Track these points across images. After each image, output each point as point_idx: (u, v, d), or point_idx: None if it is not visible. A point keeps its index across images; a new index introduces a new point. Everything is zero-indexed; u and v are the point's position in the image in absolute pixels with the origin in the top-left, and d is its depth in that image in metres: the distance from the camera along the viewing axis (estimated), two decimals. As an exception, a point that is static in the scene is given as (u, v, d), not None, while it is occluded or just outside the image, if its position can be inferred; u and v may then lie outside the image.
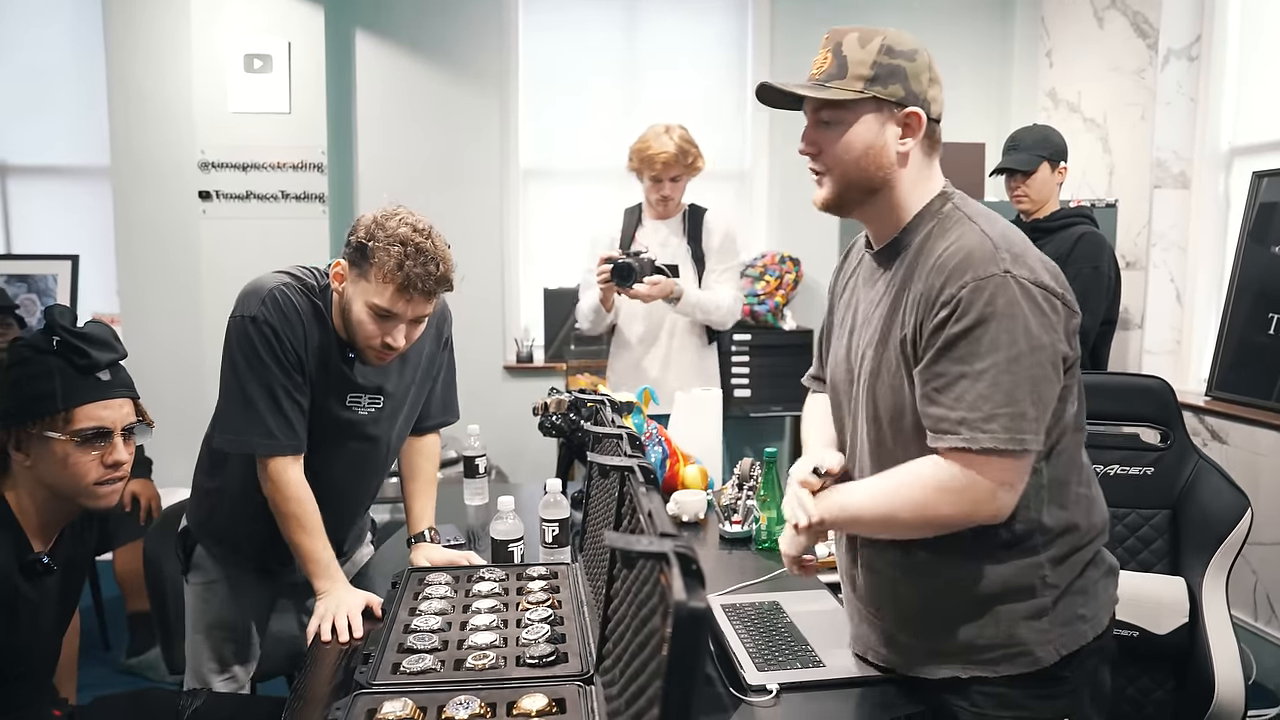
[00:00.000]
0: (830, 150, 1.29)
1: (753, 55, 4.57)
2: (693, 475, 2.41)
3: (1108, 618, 1.35)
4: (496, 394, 4.47)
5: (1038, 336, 1.17)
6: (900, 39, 1.28)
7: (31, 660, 1.53)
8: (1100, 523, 1.34)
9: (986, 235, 1.22)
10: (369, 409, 1.85)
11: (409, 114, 4.37)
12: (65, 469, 1.48)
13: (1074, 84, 4.25)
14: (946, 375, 1.20)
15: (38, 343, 1.49)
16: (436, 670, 1.33)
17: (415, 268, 1.61)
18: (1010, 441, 1.16)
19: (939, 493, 1.21)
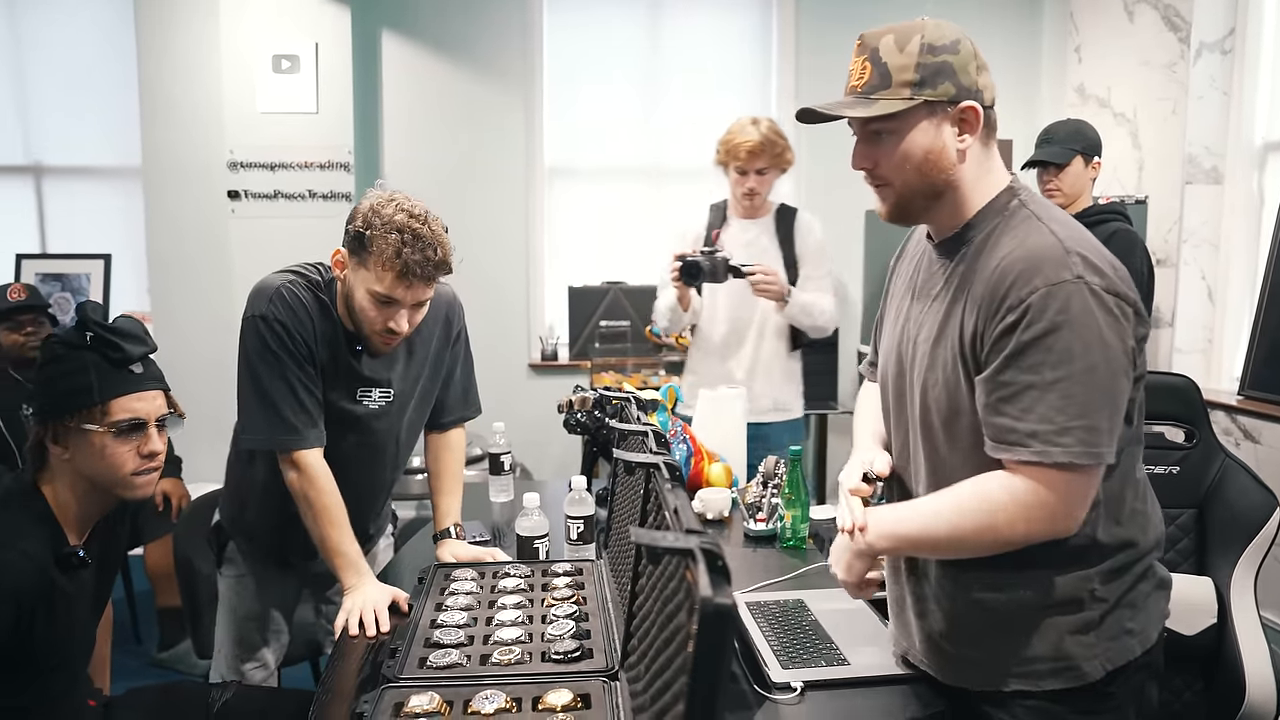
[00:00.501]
0: (887, 162, 1.24)
1: (777, 53, 4.55)
2: (717, 473, 2.41)
3: (1157, 632, 1.29)
4: (521, 392, 4.49)
5: (1112, 346, 1.12)
6: (939, 32, 1.21)
7: (67, 651, 1.56)
8: (1156, 538, 1.30)
9: (1056, 237, 1.16)
10: (379, 403, 1.87)
11: (434, 113, 4.39)
12: (103, 460, 1.51)
13: (1103, 79, 4.20)
14: (1014, 385, 1.14)
15: (71, 339, 1.52)
16: (463, 665, 1.34)
17: (413, 254, 1.62)
18: (1085, 456, 1.12)
19: (1009, 511, 1.16)
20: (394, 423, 1.93)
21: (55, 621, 1.48)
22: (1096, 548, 1.23)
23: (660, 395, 2.38)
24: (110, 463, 1.51)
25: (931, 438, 1.28)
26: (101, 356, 1.51)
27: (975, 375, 1.20)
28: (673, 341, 4.18)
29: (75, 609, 1.54)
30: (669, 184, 4.63)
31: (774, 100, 4.58)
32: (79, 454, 1.50)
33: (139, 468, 1.54)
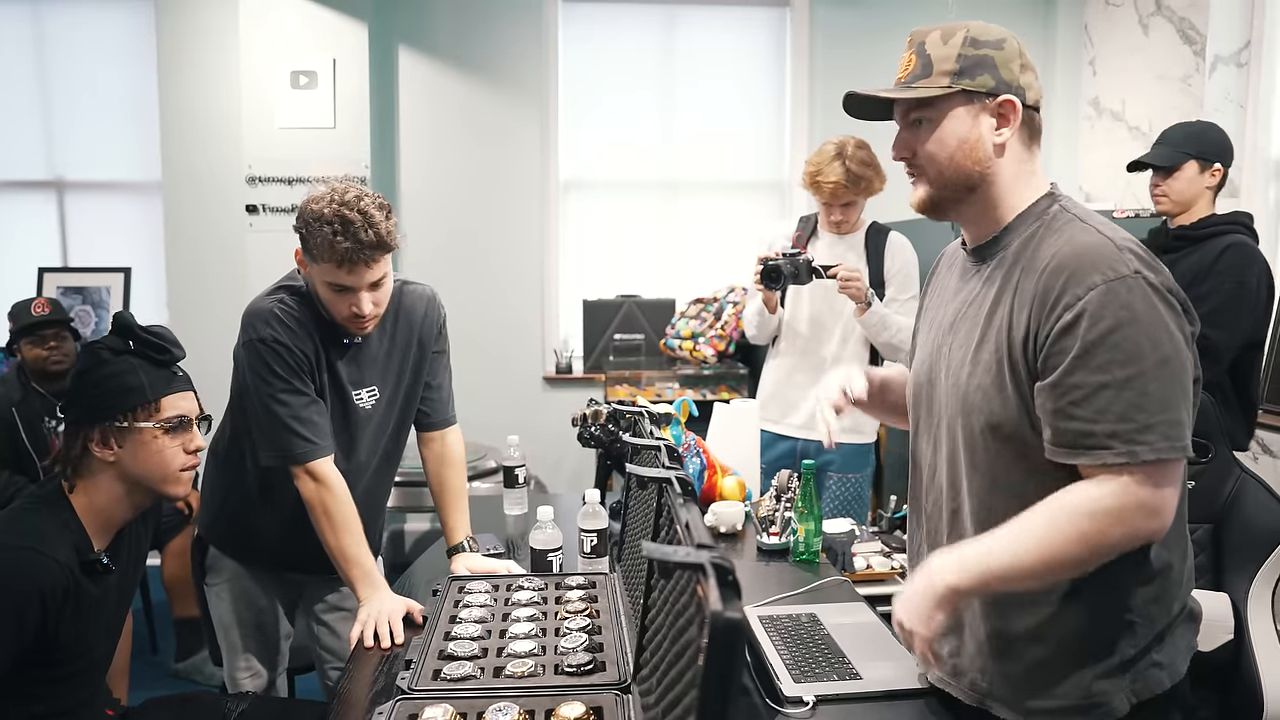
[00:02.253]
0: (923, 150, 1.25)
1: (791, 65, 4.58)
2: (730, 487, 2.41)
3: (1185, 665, 1.25)
4: (536, 404, 4.51)
5: (1179, 338, 1.11)
6: (985, 30, 1.23)
7: (90, 656, 1.59)
8: (1191, 565, 1.26)
9: (1104, 235, 1.15)
10: (369, 402, 1.94)
11: (450, 127, 4.43)
12: (156, 456, 1.57)
13: (1118, 92, 4.20)
14: (1085, 386, 1.10)
15: (114, 345, 1.59)
16: (476, 677, 1.35)
17: (344, 242, 1.67)
18: (1171, 450, 1.08)
19: (1100, 520, 1.10)
20: (385, 423, 1.99)
21: (79, 625, 1.51)
22: (1141, 570, 1.18)
23: (674, 409, 2.38)
24: (162, 458, 1.58)
25: (972, 447, 1.24)
26: (147, 359, 1.59)
27: (1028, 378, 1.17)
28: (687, 355, 4.20)
29: (99, 614, 1.57)
30: (683, 197, 4.65)
31: (788, 115, 4.60)
32: (130, 453, 1.56)
33: (185, 464, 1.62)
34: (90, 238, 4.48)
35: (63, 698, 1.56)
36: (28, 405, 3.15)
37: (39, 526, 1.50)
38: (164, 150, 4.28)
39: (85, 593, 1.51)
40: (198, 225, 4.29)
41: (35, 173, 4.41)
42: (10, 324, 3.19)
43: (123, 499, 1.59)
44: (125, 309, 4.35)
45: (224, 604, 2.03)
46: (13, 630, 1.41)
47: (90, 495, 1.56)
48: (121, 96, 4.38)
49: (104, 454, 1.55)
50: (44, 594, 1.44)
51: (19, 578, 1.43)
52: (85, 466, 1.56)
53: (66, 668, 1.54)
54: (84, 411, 1.56)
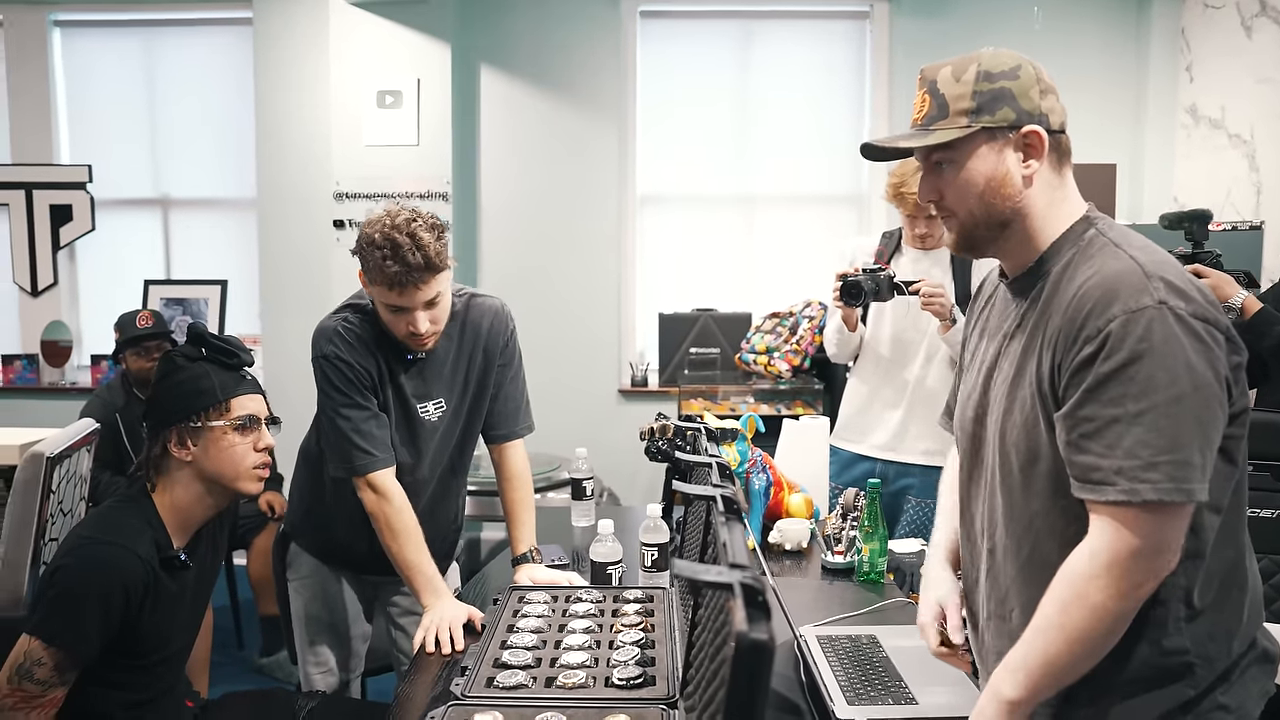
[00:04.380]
0: (951, 193, 1.21)
1: (870, 79, 4.52)
2: (797, 504, 2.39)
3: (1257, 710, 1.18)
4: (612, 417, 4.55)
5: (1201, 373, 1.04)
6: (997, 60, 1.19)
7: (169, 648, 1.69)
8: (1258, 603, 1.20)
9: (1135, 261, 1.10)
10: (434, 415, 2.00)
11: (530, 143, 4.52)
12: (228, 453, 1.67)
13: (1217, 98, 4.02)
14: (1097, 419, 1.07)
15: (189, 352, 1.71)
16: (528, 686, 1.37)
17: (394, 265, 1.73)
18: (1175, 492, 1.03)
19: (1105, 577, 1.06)
20: (450, 434, 2.04)
21: (158, 619, 1.62)
22: (1191, 610, 1.12)
23: (740, 425, 2.38)
24: (233, 455, 1.67)
25: (1010, 485, 1.21)
26: (218, 364, 1.70)
27: (1055, 412, 1.13)
28: (762, 369, 4.17)
29: (177, 609, 1.68)
30: (760, 211, 4.64)
31: (867, 130, 4.54)
32: (205, 451, 1.66)
33: (257, 462, 1.71)
34: (191, 252, 4.71)
35: (144, 687, 1.66)
36: (130, 411, 3.33)
37: (124, 523, 1.61)
38: (259, 168, 4.48)
39: (164, 588, 1.62)
40: (288, 240, 4.48)
41: (143, 191, 4.67)
42: (117, 335, 3.39)
43: (201, 497, 1.69)
44: (221, 319, 4.56)
45: (301, 600, 2.11)
46: (99, 620, 1.52)
47: (171, 494, 1.67)
48: (221, 118, 4.61)
49: (181, 454, 1.65)
50: (127, 588, 1.54)
51: (105, 571, 1.53)
52: (165, 466, 1.67)
53: (147, 659, 1.64)
54: (163, 414, 1.66)
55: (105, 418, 3.17)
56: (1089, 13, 4.40)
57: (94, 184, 4.53)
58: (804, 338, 4.16)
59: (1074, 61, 4.37)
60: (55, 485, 2.44)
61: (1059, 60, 4.41)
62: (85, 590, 1.51)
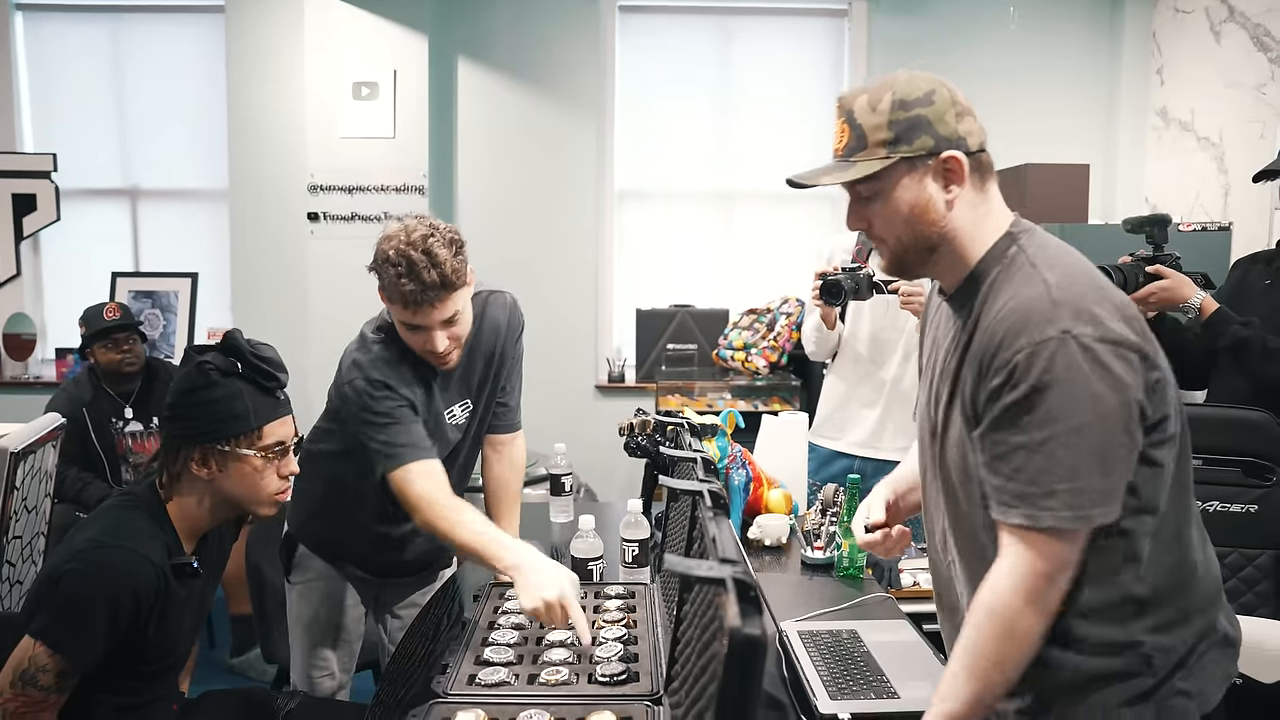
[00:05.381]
0: (879, 221, 1.23)
1: (849, 76, 4.54)
2: (776, 499, 2.40)
3: (1219, 693, 1.21)
4: (588, 413, 4.53)
5: (1104, 401, 1.07)
6: (911, 86, 1.19)
7: (172, 656, 1.64)
8: (1211, 594, 1.23)
9: (1047, 287, 1.12)
10: (462, 418, 1.96)
11: (507, 137, 4.49)
12: (253, 481, 1.59)
13: (1187, 101, 4.08)
14: (1004, 445, 1.12)
15: (223, 366, 1.58)
16: (510, 684, 1.36)
17: (408, 284, 1.68)
18: (1073, 520, 1.08)
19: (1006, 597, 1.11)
20: (470, 433, 2.02)
21: (166, 626, 1.56)
22: (1139, 606, 1.16)
23: (720, 420, 2.37)
24: (259, 484, 1.60)
25: (954, 499, 1.25)
26: (254, 385, 1.59)
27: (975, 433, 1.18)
28: (739, 366, 4.18)
29: (183, 615, 1.62)
30: (738, 208, 4.64)
31: (844, 124, 4.56)
32: (228, 475, 1.58)
33: (279, 489, 1.64)
34: (161, 244, 4.63)
35: (142, 692, 1.62)
36: (97, 406, 3.27)
37: (135, 527, 1.54)
38: (231, 159, 4.42)
39: (174, 594, 1.55)
40: (261, 232, 4.41)
41: (111, 181, 4.58)
42: (82, 328, 3.32)
43: (213, 510, 1.62)
44: (192, 313, 4.49)
45: (307, 603, 2.05)
46: (106, 624, 1.45)
47: (183, 504, 1.60)
48: (192, 108, 4.54)
49: (201, 472, 1.57)
50: (138, 593, 1.48)
51: (115, 576, 1.46)
52: (181, 477, 1.59)
53: (151, 665, 1.59)
54: (188, 430, 1.57)
55: (72, 412, 3.12)
56: (1063, 13, 4.44)
57: (59, 173, 4.43)
58: (781, 334, 4.17)
59: (1049, 61, 4.42)
60: (19, 481, 2.39)
61: (1034, 60, 4.52)
62: (94, 596, 1.44)
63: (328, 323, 4.07)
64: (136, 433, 3.33)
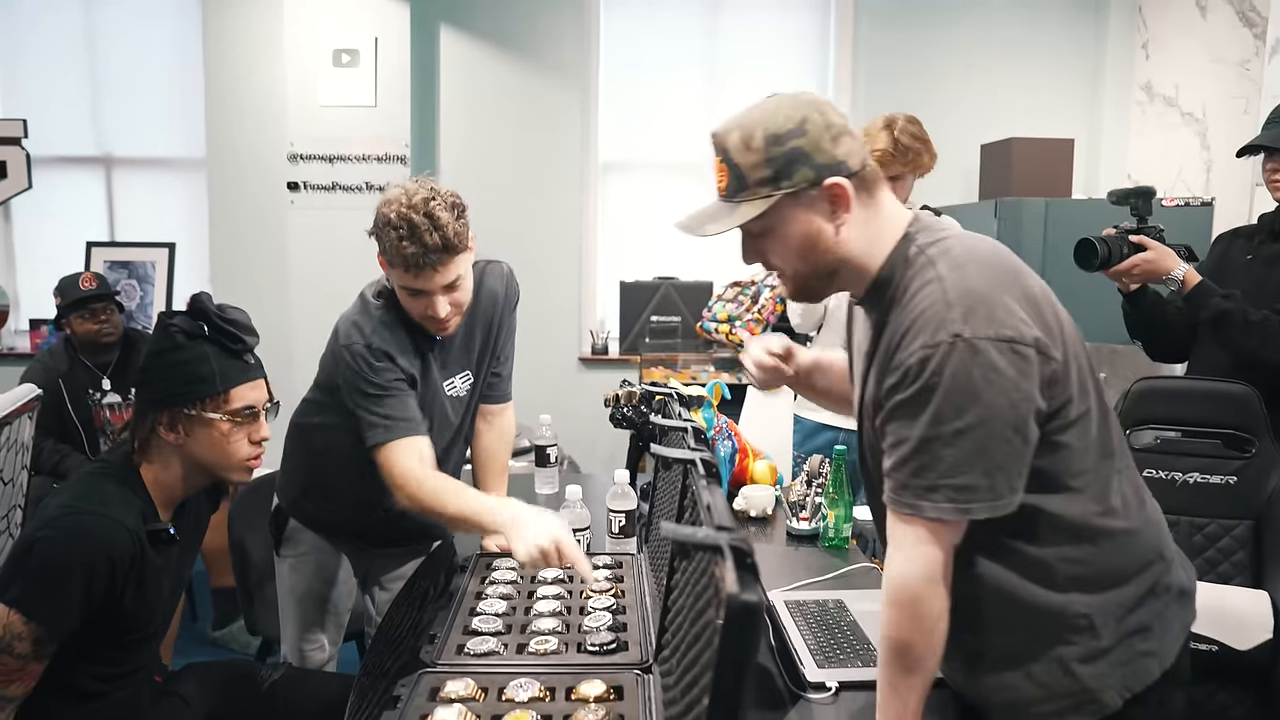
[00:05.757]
0: (772, 256, 1.24)
1: (835, 48, 4.52)
2: (761, 471, 2.40)
3: (1178, 647, 1.25)
4: (571, 385, 4.52)
5: (990, 404, 1.08)
6: (778, 117, 1.16)
7: (151, 626, 1.62)
8: (1149, 554, 1.24)
9: (942, 287, 1.13)
10: (462, 390, 1.95)
11: (490, 107, 4.44)
12: (221, 446, 1.56)
13: (1171, 76, 4.08)
14: (895, 437, 1.15)
15: (190, 328, 1.55)
16: (499, 653, 1.36)
17: (410, 246, 1.66)
18: (953, 512, 1.11)
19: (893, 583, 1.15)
20: (470, 404, 2.01)
21: (144, 595, 1.54)
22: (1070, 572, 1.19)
23: (705, 391, 2.37)
24: (227, 449, 1.57)
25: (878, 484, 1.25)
26: (220, 347, 1.56)
27: None
28: (723, 338, 4.17)
29: (161, 584, 1.60)
30: (722, 180, 4.61)
31: (830, 97, 4.54)
32: (196, 440, 1.55)
33: (251, 454, 1.61)
34: (137, 213, 4.56)
35: (123, 662, 1.60)
36: (73, 377, 3.23)
37: (109, 493, 1.51)
38: (209, 127, 4.34)
39: (150, 562, 1.54)
40: (240, 202, 4.35)
41: (84, 149, 4.50)
42: (58, 298, 3.26)
43: (186, 477, 1.60)
44: (170, 284, 4.43)
45: (299, 577, 2.03)
46: (81, 591, 1.43)
47: (155, 471, 1.58)
48: (168, 74, 4.45)
49: (170, 437, 1.55)
50: (113, 560, 1.45)
51: (90, 542, 1.44)
52: (152, 444, 1.57)
53: (131, 635, 1.57)
54: (155, 394, 1.56)
55: (48, 383, 3.07)
56: (1050, -12, 4.43)
57: (30, 140, 4.34)
58: (766, 307, 4.16)
59: (1034, 35, 4.41)
60: (-3, 453, 2.36)
61: (1019, 33, 4.50)
62: (68, 562, 1.43)
63: (309, 294, 4.02)
64: (114, 404, 3.29)
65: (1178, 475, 2.13)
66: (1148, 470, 2.13)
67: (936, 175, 2.66)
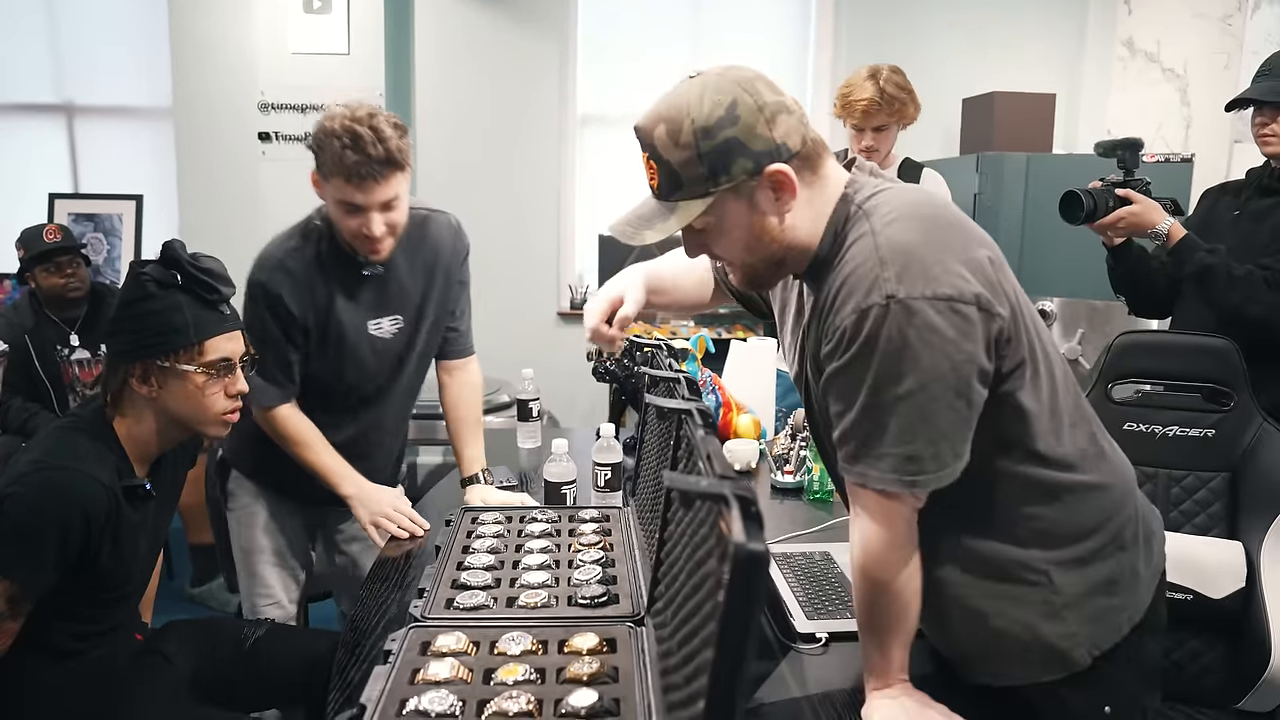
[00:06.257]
0: (717, 249, 1.17)
1: (817, 6, 4.45)
2: (745, 424, 2.40)
3: (1150, 595, 1.22)
4: (550, 341, 4.50)
5: (930, 368, 1.02)
6: (705, 105, 1.06)
7: (128, 584, 1.60)
8: (1111, 509, 1.20)
9: (875, 244, 1.06)
10: (390, 331, 1.93)
11: (467, 56, 4.34)
12: (196, 399, 1.53)
13: (1153, 32, 4.07)
14: (837, 405, 1.10)
15: (162, 278, 1.50)
16: (489, 607, 1.34)
17: (354, 155, 1.65)
18: (898, 484, 1.06)
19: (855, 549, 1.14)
20: (407, 353, 1.98)
21: (120, 552, 1.51)
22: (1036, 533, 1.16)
23: (690, 345, 2.36)
24: (202, 402, 1.53)
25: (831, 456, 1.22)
26: (194, 297, 1.52)
27: None
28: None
29: (138, 541, 1.57)
30: (701, 134, 4.57)
31: (812, 52, 4.49)
32: (170, 393, 1.52)
33: (227, 408, 1.57)
34: (101, 164, 4.44)
35: (101, 620, 1.58)
36: (40, 333, 3.15)
37: (82, 448, 1.48)
38: (175, 75, 4.22)
39: (126, 518, 1.51)
40: (210, 152, 4.24)
41: (43, 96, 4.36)
42: (21, 251, 3.17)
43: (162, 432, 1.56)
44: (138, 237, 4.33)
45: (245, 529, 2.04)
46: (56, 547, 1.41)
47: (130, 425, 1.54)
48: (132, 19, 4.31)
49: (143, 390, 1.51)
50: (88, 515, 1.43)
51: (63, 496, 1.41)
52: (125, 397, 1.53)
53: (108, 592, 1.55)
54: (126, 345, 1.51)
55: (14, 340, 3.00)
56: (1033, -61, 4.39)
57: (-14, 86, 4.21)
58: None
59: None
60: (-38, 410, 2.30)
61: (1000, -9, 4.46)
62: (41, 519, 1.40)
63: (281, 248, 3.94)
64: (83, 360, 3.22)
65: (1157, 428, 2.15)
66: (1129, 423, 2.15)
67: (919, 129, 2.64)
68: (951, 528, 1.18)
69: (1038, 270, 3.23)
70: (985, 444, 1.10)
